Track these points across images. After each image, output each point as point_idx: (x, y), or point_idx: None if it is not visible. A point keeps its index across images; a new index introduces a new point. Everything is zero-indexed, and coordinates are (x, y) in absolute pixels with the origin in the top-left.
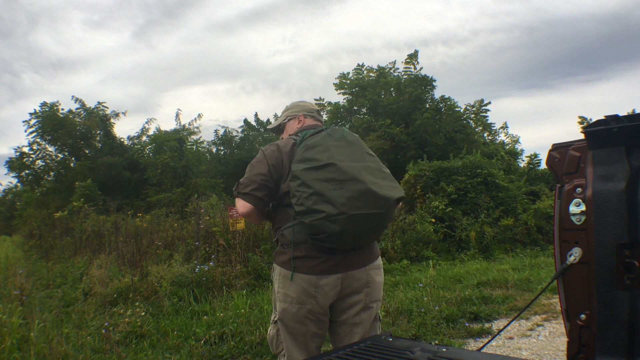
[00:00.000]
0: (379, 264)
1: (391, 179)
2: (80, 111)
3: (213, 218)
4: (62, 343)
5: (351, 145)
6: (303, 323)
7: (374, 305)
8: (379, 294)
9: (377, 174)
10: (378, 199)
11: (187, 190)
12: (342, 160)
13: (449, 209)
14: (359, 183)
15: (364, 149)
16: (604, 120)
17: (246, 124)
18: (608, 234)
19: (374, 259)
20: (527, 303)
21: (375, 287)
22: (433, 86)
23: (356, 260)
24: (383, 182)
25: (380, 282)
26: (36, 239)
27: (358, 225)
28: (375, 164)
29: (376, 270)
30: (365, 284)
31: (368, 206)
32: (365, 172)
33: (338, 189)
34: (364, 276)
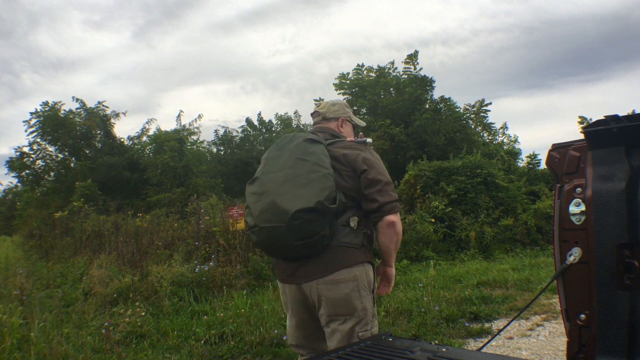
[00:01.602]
0: (334, 278)
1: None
2: (81, 111)
3: (213, 218)
4: (62, 343)
5: (284, 154)
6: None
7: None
8: (342, 310)
9: (298, 180)
10: (279, 211)
11: (187, 190)
12: (266, 173)
13: (449, 209)
14: (268, 195)
15: (297, 154)
16: (604, 121)
17: (248, 124)
18: (608, 234)
19: (326, 273)
20: (527, 303)
21: (330, 304)
22: (432, 86)
23: (305, 273)
24: (296, 190)
25: (335, 297)
26: (36, 239)
27: (267, 237)
28: (302, 169)
29: (328, 286)
30: (318, 298)
31: (272, 219)
32: (280, 182)
33: (256, 202)
34: (314, 290)
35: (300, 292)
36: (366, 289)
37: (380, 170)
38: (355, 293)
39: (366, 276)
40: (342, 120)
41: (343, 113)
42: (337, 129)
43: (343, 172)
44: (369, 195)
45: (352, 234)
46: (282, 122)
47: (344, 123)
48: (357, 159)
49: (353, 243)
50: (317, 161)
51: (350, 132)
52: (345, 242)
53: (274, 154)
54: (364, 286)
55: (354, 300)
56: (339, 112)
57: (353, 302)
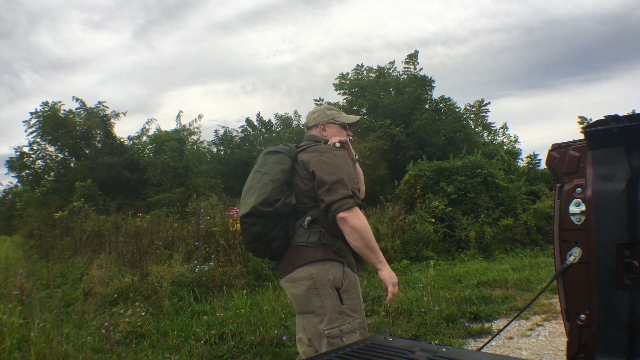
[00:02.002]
0: (293, 276)
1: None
2: (81, 111)
3: (213, 218)
4: (62, 343)
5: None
6: None
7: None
8: (302, 307)
9: (250, 191)
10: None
11: (187, 190)
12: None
13: (449, 209)
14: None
15: (256, 168)
16: (604, 121)
17: (248, 124)
18: (608, 234)
19: (289, 270)
20: (527, 303)
21: (294, 300)
22: (432, 87)
23: (279, 270)
24: (247, 199)
25: (295, 294)
26: (36, 239)
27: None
28: (253, 181)
29: (290, 284)
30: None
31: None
32: (243, 194)
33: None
34: (284, 286)
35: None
36: (326, 287)
37: (329, 170)
38: (312, 291)
39: (326, 274)
40: (322, 125)
41: (323, 117)
42: (319, 134)
43: (302, 176)
44: (319, 196)
45: (306, 233)
46: (282, 122)
47: (327, 126)
48: (310, 162)
49: (308, 242)
50: (266, 171)
51: (335, 132)
52: (300, 241)
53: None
54: (322, 284)
55: (312, 298)
56: (318, 119)
57: (311, 300)
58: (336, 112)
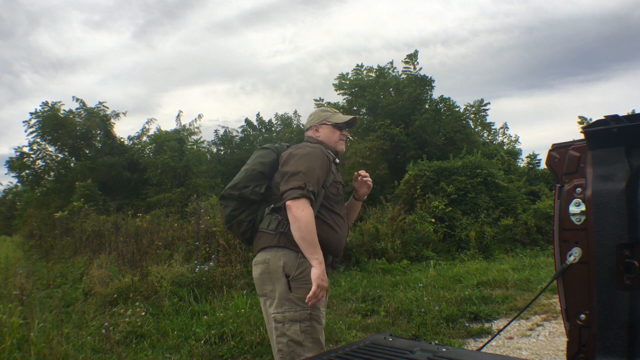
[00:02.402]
0: (255, 260)
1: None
2: (81, 111)
3: (213, 218)
4: (62, 343)
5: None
6: None
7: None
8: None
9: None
10: None
11: (187, 190)
12: None
13: (449, 209)
14: None
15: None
16: (604, 121)
17: (247, 124)
18: (608, 234)
19: (254, 254)
20: (527, 303)
21: (255, 282)
22: (432, 87)
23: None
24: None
25: (255, 277)
26: (36, 239)
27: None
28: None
29: (253, 267)
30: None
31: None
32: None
33: None
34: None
35: None
36: (278, 273)
37: (294, 163)
38: (265, 275)
39: (278, 261)
40: (316, 126)
41: (317, 119)
42: (313, 135)
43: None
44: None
45: (267, 220)
46: (282, 122)
47: (319, 127)
48: (284, 157)
49: (268, 229)
50: (247, 162)
51: (328, 133)
52: (262, 227)
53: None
54: (274, 270)
55: (265, 281)
56: (312, 121)
57: (264, 284)
58: (330, 113)
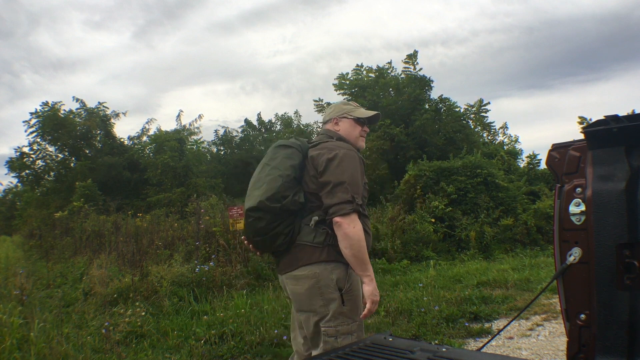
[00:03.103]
0: (298, 274)
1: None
2: (81, 111)
3: (213, 218)
4: (62, 343)
5: (266, 156)
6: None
7: (301, 315)
8: (304, 305)
9: (257, 184)
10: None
11: (187, 190)
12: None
13: (449, 209)
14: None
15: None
16: (604, 121)
17: (247, 124)
18: (608, 234)
19: (292, 267)
20: (527, 303)
21: (295, 298)
22: (431, 87)
23: (281, 266)
24: (252, 192)
25: (298, 292)
26: (36, 239)
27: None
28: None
29: (292, 281)
30: (288, 291)
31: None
32: (250, 185)
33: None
34: (285, 283)
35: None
36: (329, 287)
37: (335, 171)
38: (315, 290)
39: (329, 274)
40: (336, 119)
41: (337, 112)
42: (332, 128)
43: (310, 173)
44: (322, 197)
45: (312, 233)
46: (283, 121)
47: (339, 120)
48: (319, 161)
49: (314, 242)
50: (275, 165)
51: (348, 127)
52: (306, 240)
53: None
54: (326, 284)
55: (314, 297)
56: (332, 113)
57: (313, 299)
58: (352, 107)
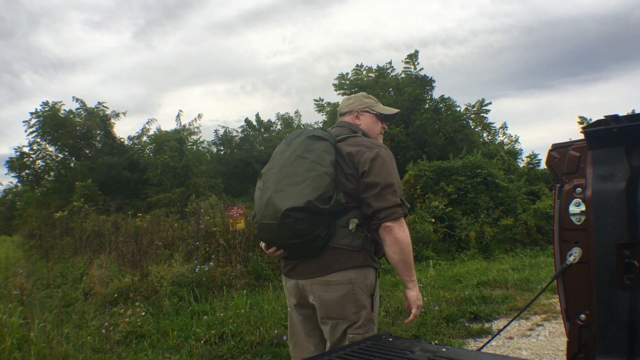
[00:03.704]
0: (331, 279)
1: (306, 184)
2: (81, 111)
3: (213, 218)
4: (62, 343)
5: (289, 150)
6: (291, 315)
7: (329, 322)
8: (334, 312)
9: (294, 178)
10: (273, 209)
11: (187, 190)
12: (271, 168)
13: (449, 209)
14: (267, 192)
15: (298, 151)
16: (604, 121)
17: (247, 124)
18: (608, 234)
19: (323, 272)
20: (527, 303)
21: (324, 305)
22: (432, 86)
23: (304, 270)
24: (290, 188)
25: (328, 299)
26: (36, 239)
27: (263, 234)
28: (300, 167)
29: (322, 287)
30: (313, 298)
31: (268, 216)
32: (280, 179)
33: (260, 198)
34: (309, 288)
35: (298, 286)
36: (363, 294)
37: (381, 172)
38: (349, 296)
39: (364, 280)
40: (357, 112)
41: (359, 105)
42: (352, 121)
43: (346, 172)
44: (366, 199)
45: (350, 236)
46: (283, 121)
47: (360, 114)
48: (360, 160)
49: (351, 245)
50: (316, 159)
51: (370, 123)
52: (343, 244)
53: (282, 148)
54: (360, 290)
55: (347, 303)
56: (353, 105)
57: (346, 306)
58: (373, 101)
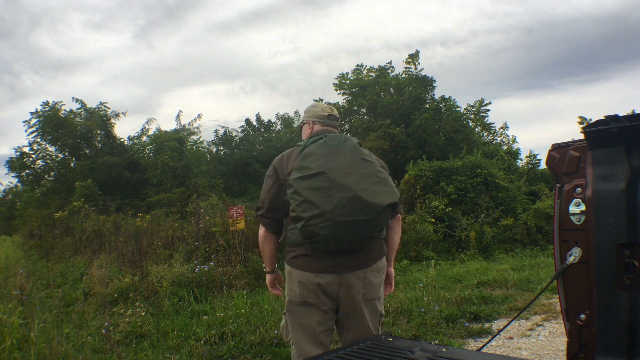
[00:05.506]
0: (377, 267)
1: (385, 184)
2: (81, 111)
3: (213, 218)
4: (62, 343)
5: (346, 152)
6: (307, 312)
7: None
8: (377, 293)
9: (371, 179)
10: (366, 206)
11: (187, 190)
12: (333, 169)
13: (449, 209)
14: (347, 190)
15: (359, 154)
16: (604, 121)
17: (247, 124)
18: (608, 234)
19: (370, 262)
20: (527, 303)
21: (371, 287)
22: (433, 86)
23: (352, 263)
24: (375, 187)
25: (376, 282)
26: (36, 239)
27: (344, 231)
28: (371, 169)
29: (373, 273)
30: (364, 285)
31: (354, 213)
32: (356, 179)
33: (326, 197)
34: (361, 277)
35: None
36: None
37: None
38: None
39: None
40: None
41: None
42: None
43: None
44: None
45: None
46: (283, 121)
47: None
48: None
49: (382, 235)
50: (378, 163)
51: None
52: (382, 235)
53: (330, 150)
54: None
55: (380, 286)
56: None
57: (380, 288)
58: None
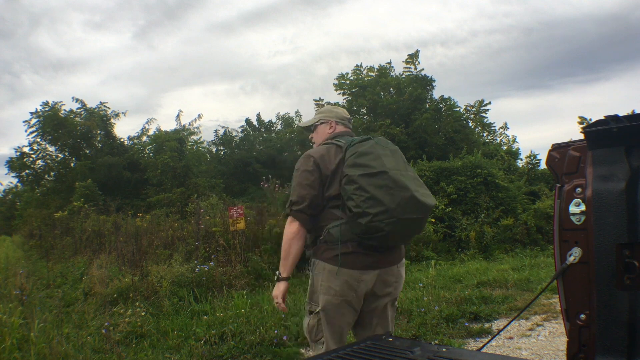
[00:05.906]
0: (403, 262)
1: (426, 187)
2: (81, 111)
3: (213, 218)
4: (62, 343)
5: (394, 155)
6: (342, 314)
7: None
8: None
9: (417, 181)
10: (421, 205)
11: (187, 190)
12: (391, 169)
13: (449, 209)
14: (406, 190)
15: (403, 158)
16: (604, 121)
17: (248, 124)
18: (608, 234)
19: (402, 256)
20: (527, 303)
21: (401, 281)
22: (433, 86)
23: (392, 258)
24: (422, 190)
25: (404, 276)
26: (36, 239)
27: (405, 227)
28: (413, 173)
29: (402, 267)
30: (396, 279)
31: (413, 211)
32: (410, 180)
33: (390, 195)
34: (395, 272)
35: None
36: None
37: None
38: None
39: None
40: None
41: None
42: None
43: None
44: None
45: None
46: (283, 121)
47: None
48: None
49: None
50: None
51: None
52: None
53: (383, 151)
54: None
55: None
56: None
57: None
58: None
